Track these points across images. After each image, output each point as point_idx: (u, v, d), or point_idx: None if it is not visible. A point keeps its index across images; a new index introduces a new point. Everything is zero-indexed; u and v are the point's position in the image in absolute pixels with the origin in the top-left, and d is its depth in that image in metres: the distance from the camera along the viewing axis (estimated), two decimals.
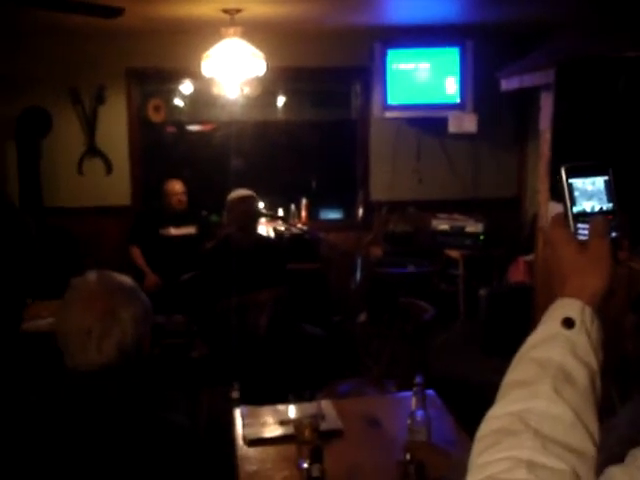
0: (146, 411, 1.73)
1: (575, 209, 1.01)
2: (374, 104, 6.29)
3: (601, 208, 1.03)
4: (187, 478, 1.72)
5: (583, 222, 1.01)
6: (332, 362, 4.43)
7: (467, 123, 6.08)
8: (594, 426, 0.87)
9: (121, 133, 6.38)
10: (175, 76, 6.50)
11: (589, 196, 1.03)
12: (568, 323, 0.93)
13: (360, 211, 6.72)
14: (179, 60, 5.99)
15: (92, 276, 1.79)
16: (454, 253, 6.19)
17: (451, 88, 6.08)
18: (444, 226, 6.34)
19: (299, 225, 6.28)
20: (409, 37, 5.99)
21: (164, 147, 7.08)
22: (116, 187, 6.42)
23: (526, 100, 6.20)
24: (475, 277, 6.13)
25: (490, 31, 5.96)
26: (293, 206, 6.59)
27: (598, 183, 1.04)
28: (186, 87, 6.79)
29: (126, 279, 1.84)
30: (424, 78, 6.11)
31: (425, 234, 6.38)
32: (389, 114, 6.20)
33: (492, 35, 6.02)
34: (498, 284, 6.02)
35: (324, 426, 2.30)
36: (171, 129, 7.20)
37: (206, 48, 5.08)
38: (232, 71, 5.14)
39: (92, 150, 6.34)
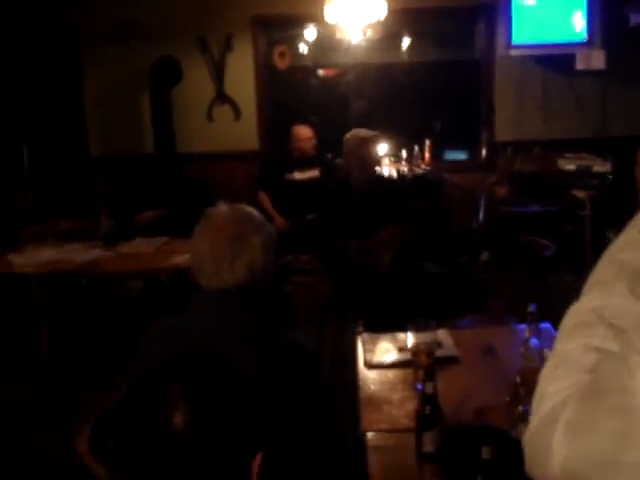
0: (275, 329, 1.90)
1: None
2: (498, 43, 6.19)
3: None
4: (311, 393, 1.87)
5: None
6: (454, 300, 4.49)
7: (595, 60, 5.90)
8: None
9: (248, 79, 6.56)
10: (299, 22, 6.61)
11: None
12: None
13: (484, 151, 6.68)
14: (303, 6, 6.07)
15: (224, 207, 1.98)
16: (581, 194, 6.06)
17: (578, 24, 5.90)
18: (571, 166, 6.20)
19: (422, 166, 6.32)
20: None
21: (290, 92, 7.23)
22: (244, 132, 6.64)
23: None
24: (603, 218, 6.00)
25: None
26: (417, 147, 6.62)
27: None
28: (310, 32, 6.88)
29: (254, 210, 2.02)
30: (550, 14, 5.94)
31: (551, 174, 6.28)
32: (514, 52, 6.09)
33: None
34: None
35: (440, 353, 2.42)
36: (297, 74, 7.33)
37: None
38: (354, 15, 5.20)
39: (221, 97, 6.57)
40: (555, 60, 6.17)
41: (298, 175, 6.01)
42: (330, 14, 5.13)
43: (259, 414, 1.26)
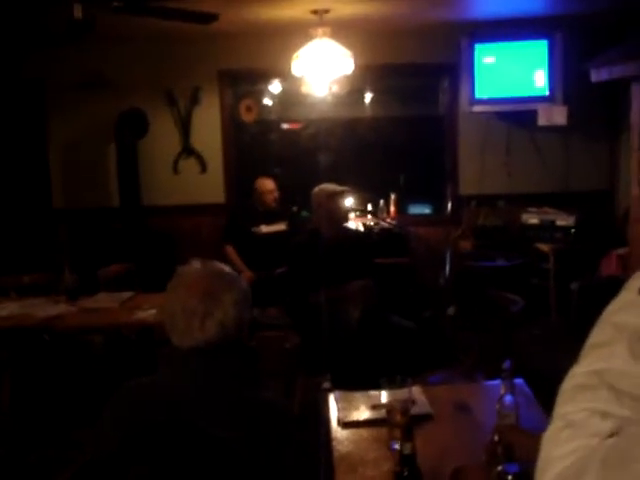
0: (247, 388, 1.87)
1: None
2: (462, 99, 6.30)
3: None
4: (286, 453, 1.83)
5: None
6: (423, 354, 4.48)
7: (557, 116, 6.03)
8: None
9: (215, 133, 6.59)
10: (266, 76, 6.69)
11: None
12: None
13: (449, 205, 6.75)
14: (269, 61, 6.16)
15: (196, 263, 1.97)
16: (544, 247, 6.14)
17: (540, 81, 6.04)
18: (534, 220, 6.30)
19: (388, 220, 6.36)
20: (496, 31, 5.99)
21: (256, 146, 7.27)
22: (210, 185, 6.65)
23: (617, 91, 6.10)
24: (566, 271, 6.07)
25: (579, 22, 5.88)
26: (382, 201, 6.68)
27: None
28: (275, 87, 6.95)
29: (226, 267, 2.00)
30: (512, 71, 6.08)
31: (515, 228, 6.36)
32: (477, 108, 6.20)
33: (581, 26, 5.95)
34: (590, 278, 5.94)
35: (415, 410, 2.38)
36: (262, 128, 7.38)
37: (295, 49, 5.22)
38: (321, 70, 5.27)
39: (187, 149, 6.58)
40: (518, 116, 6.30)
41: (265, 228, 6.01)
42: (297, 68, 5.18)
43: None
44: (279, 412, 1.89)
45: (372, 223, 6.31)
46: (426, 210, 7.36)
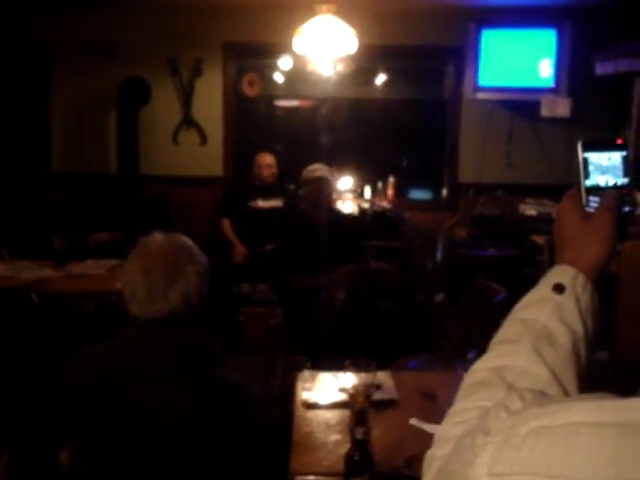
0: (205, 363, 1.87)
1: (588, 182, 1.05)
2: (466, 84, 6.25)
3: (615, 183, 1.06)
4: (237, 432, 1.83)
5: (595, 195, 1.04)
6: (406, 339, 4.47)
7: (561, 107, 5.97)
8: (573, 389, 0.91)
9: (216, 105, 6.56)
10: (270, 51, 6.62)
11: (603, 171, 1.06)
12: (559, 288, 0.97)
13: (446, 191, 6.71)
14: (274, 36, 6.10)
15: (158, 236, 1.96)
16: (540, 239, 6.11)
17: (545, 71, 5.98)
18: (532, 211, 6.25)
19: (384, 203, 6.33)
20: (504, 18, 5.92)
21: (257, 121, 7.23)
22: (209, 158, 6.62)
23: (622, 86, 6.03)
24: None
25: (588, 13, 5.81)
26: (380, 184, 6.64)
27: (614, 158, 1.07)
28: (283, 62, 6.89)
29: (188, 240, 2.01)
30: (518, 60, 6.02)
31: (512, 218, 6.32)
32: (481, 95, 6.16)
33: (588, 18, 5.87)
34: None
35: (378, 395, 2.38)
36: (264, 104, 7.34)
37: (300, 24, 5.15)
38: (324, 48, 5.20)
39: (188, 121, 6.55)
40: (521, 106, 6.24)
41: (261, 203, 6.00)
42: (299, 46, 5.12)
43: (154, 454, 1.21)
44: (235, 390, 1.88)
45: (366, 206, 6.28)
46: (426, 196, 7.33)
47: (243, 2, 5.86)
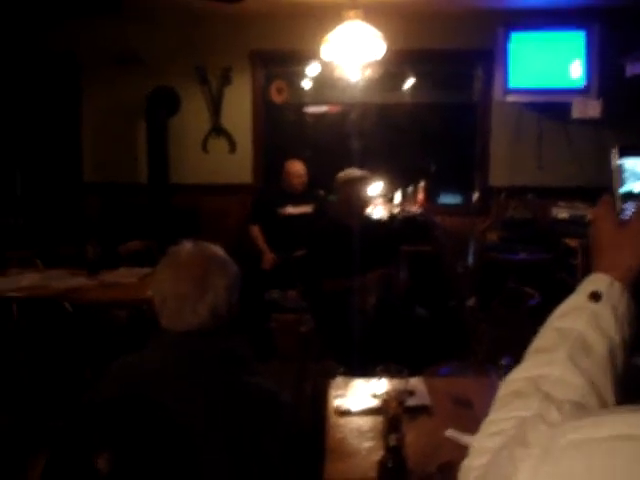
0: (234, 372, 1.85)
1: (622, 189, 1.03)
2: (495, 88, 6.20)
3: None
4: (269, 440, 1.82)
5: (631, 201, 1.02)
6: (439, 345, 4.44)
7: (591, 109, 5.91)
8: (610, 397, 0.90)
9: (245, 113, 6.58)
10: (297, 58, 6.63)
11: (638, 177, 1.04)
12: (595, 296, 0.96)
13: (477, 195, 6.67)
14: (301, 42, 6.11)
15: (188, 245, 1.94)
16: (573, 242, 6.03)
17: (576, 72, 5.92)
18: (564, 214, 6.18)
19: (414, 208, 6.30)
20: (533, 20, 5.88)
21: (286, 128, 7.24)
22: (239, 165, 6.65)
23: None
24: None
25: (617, 14, 5.74)
26: (411, 188, 6.61)
27: None
28: (311, 69, 6.89)
29: (219, 249, 1.98)
30: (547, 62, 5.96)
31: (544, 222, 6.26)
32: (510, 98, 6.11)
33: (619, 18, 5.79)
34: None
35: (411, 402, 2.36)
36: (293, 110, 7.34)
37: (327, 30, 5.13)
38: (352, 54, 5.19)
39: (217, 129, 6.58)
40: (551, 107, 6.19)
41: (291, 209, 6.00)
42: (326, 52, 5.12)
43: (187, 461, 1.21)
44: (265, 398, 1.87)
45: (396, 211, 6.25)
46: (456, 200, 7.28)
47: (270, 10, 5.89)
